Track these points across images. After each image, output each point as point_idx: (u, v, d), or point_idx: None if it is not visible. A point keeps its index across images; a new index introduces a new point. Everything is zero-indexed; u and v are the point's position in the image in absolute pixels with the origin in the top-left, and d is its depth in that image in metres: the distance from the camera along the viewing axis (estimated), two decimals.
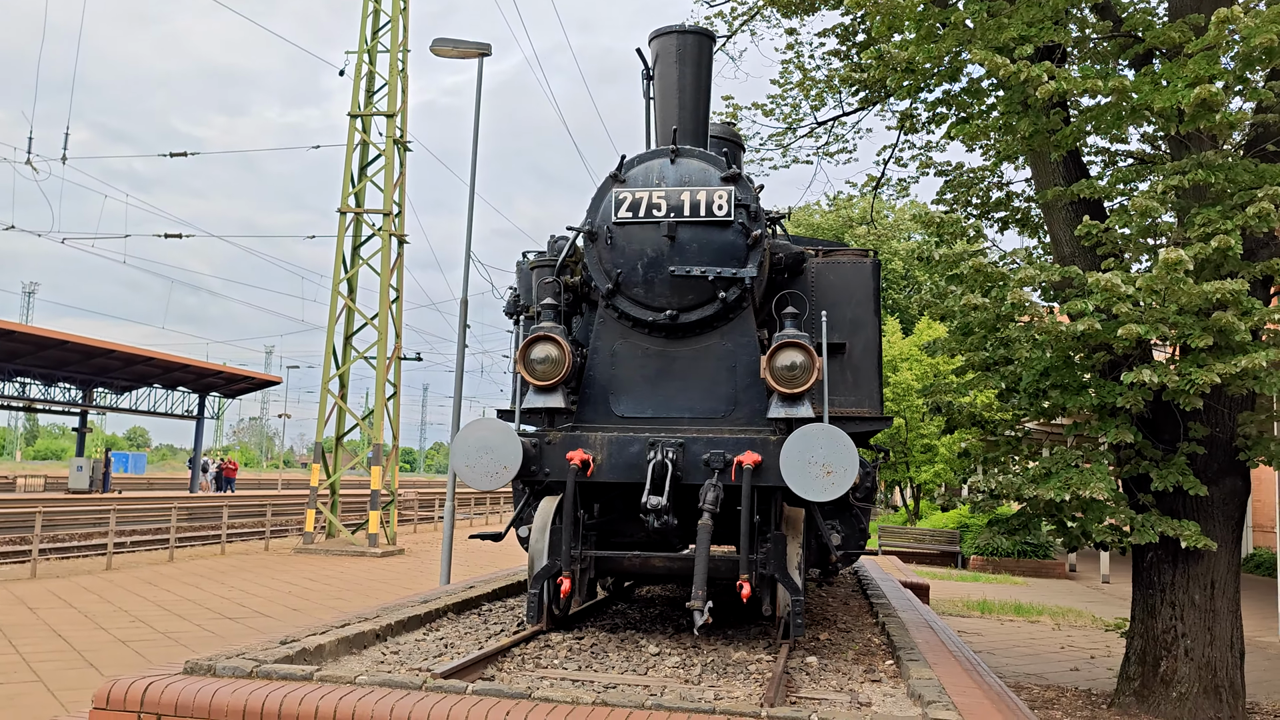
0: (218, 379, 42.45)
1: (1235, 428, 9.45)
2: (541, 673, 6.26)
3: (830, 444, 6.18)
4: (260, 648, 6.10)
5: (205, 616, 11.95)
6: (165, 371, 39.09)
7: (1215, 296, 8.12)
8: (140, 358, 36.14)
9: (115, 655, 9.48)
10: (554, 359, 6.96)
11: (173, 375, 40.05)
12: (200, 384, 42.53)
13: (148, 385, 41.35)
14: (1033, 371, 9.49)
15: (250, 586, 14.95)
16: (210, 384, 42.95)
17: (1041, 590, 21.92)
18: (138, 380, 40.21)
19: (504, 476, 6.52)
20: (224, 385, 43.83)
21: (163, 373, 39.24)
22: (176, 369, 38.84)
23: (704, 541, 6.40)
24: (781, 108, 13.11)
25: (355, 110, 21.82)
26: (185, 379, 41.21)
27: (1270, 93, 8.50)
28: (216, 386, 43.61)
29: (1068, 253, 10.57)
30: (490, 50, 13.20)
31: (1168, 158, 11.55)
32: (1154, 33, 9.08)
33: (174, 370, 39.02)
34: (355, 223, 21.82)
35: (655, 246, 7.16)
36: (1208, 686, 9.32)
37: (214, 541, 21.23)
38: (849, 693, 6.10)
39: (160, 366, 37.93)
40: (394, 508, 21.34)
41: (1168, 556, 9.65)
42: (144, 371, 38.48)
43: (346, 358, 21.61)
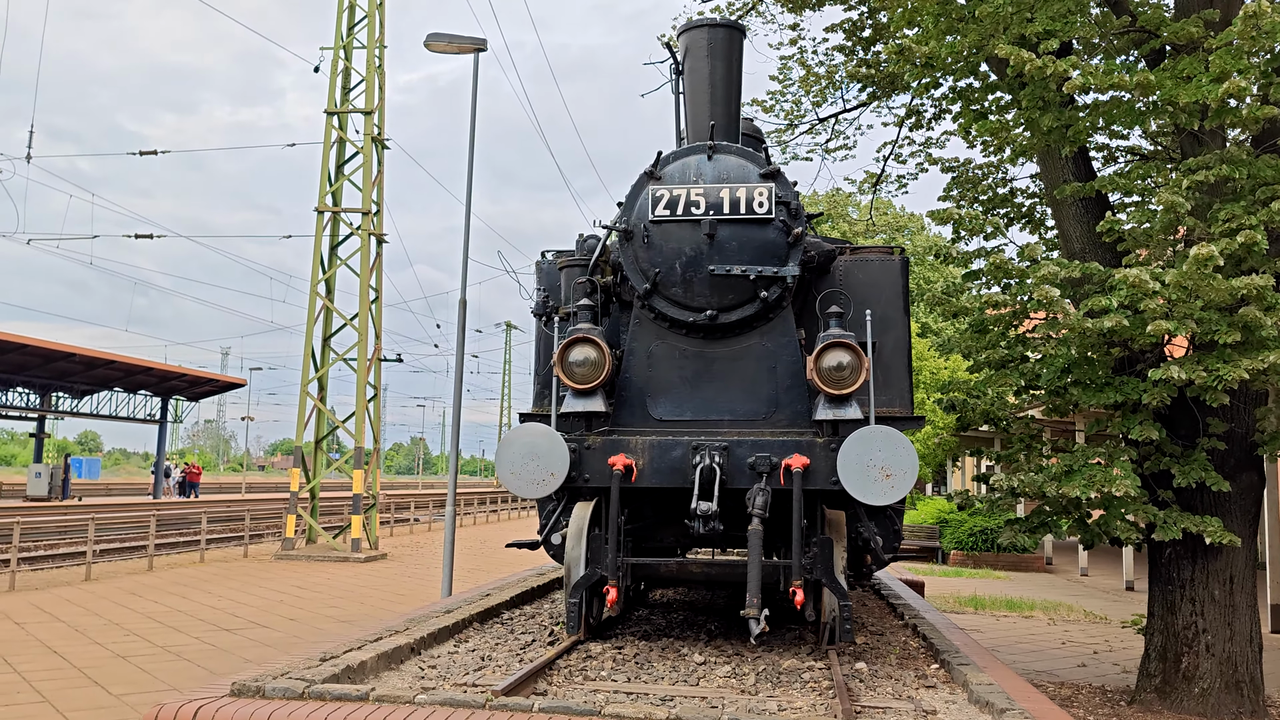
0: (181, 382, 41.61)
1: (1253, 423, 9.46)
2: (592, 685, 6.07)
3: (890, 446, 6.05)
4: (303, 666, 5.84)
5: (201, 629, 11.60)
6: (127, 375, 38.24)
7: (1241, 292, 8.09)
8: (102, 361, 35.32)
9: (119, 672, 9.13)
10: (593, 361, 6.76)
11: (135, 379, 39.21)
12: (163, 387, 41.67)
13: (108, 389, 40.42)
14: (1053, 368, 9.42)
15: (238, 595, 14.57)
16: (173, 387, 42.10)
17: (1024, 584, 22.04)
18: (98, 384, 39.29)
19: (551, 484, 6.32)
20: (187, 388, 42.98)
21: (124, 376, 38.38)
22: (139, 372, 38.02)
23: (756, 548, 6.24)
24: (782, 104, 12.98)
25: (332, 107, 21.41)
26: (148, 382, 40.35)
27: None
28: (180, 390, 42.75)
29: (1077, 248, 10.54)
30: (486, 45, 12.93)
31: (1166, 154, 11.60)
32: (1172, 28, 9.04)
33: (136, 373, 38.19)
34: (333, 222, 21.40)
35: (694, 245, 6.98)
36: (1229, 681, 9.32)
37: (192, 549, 20.74)
38: (908, 699, 5.97)
39: (122, 370, 37.09)
40: (375, 512, 20.97)
41: (1186, 553, 9.64)
42: (105, 375, 37.61)
43: (325, 359, 21.19)
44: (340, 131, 21.46)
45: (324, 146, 21.27)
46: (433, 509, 34.93)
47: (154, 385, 41.11)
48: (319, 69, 22.14)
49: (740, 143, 7.83)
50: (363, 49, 21.82)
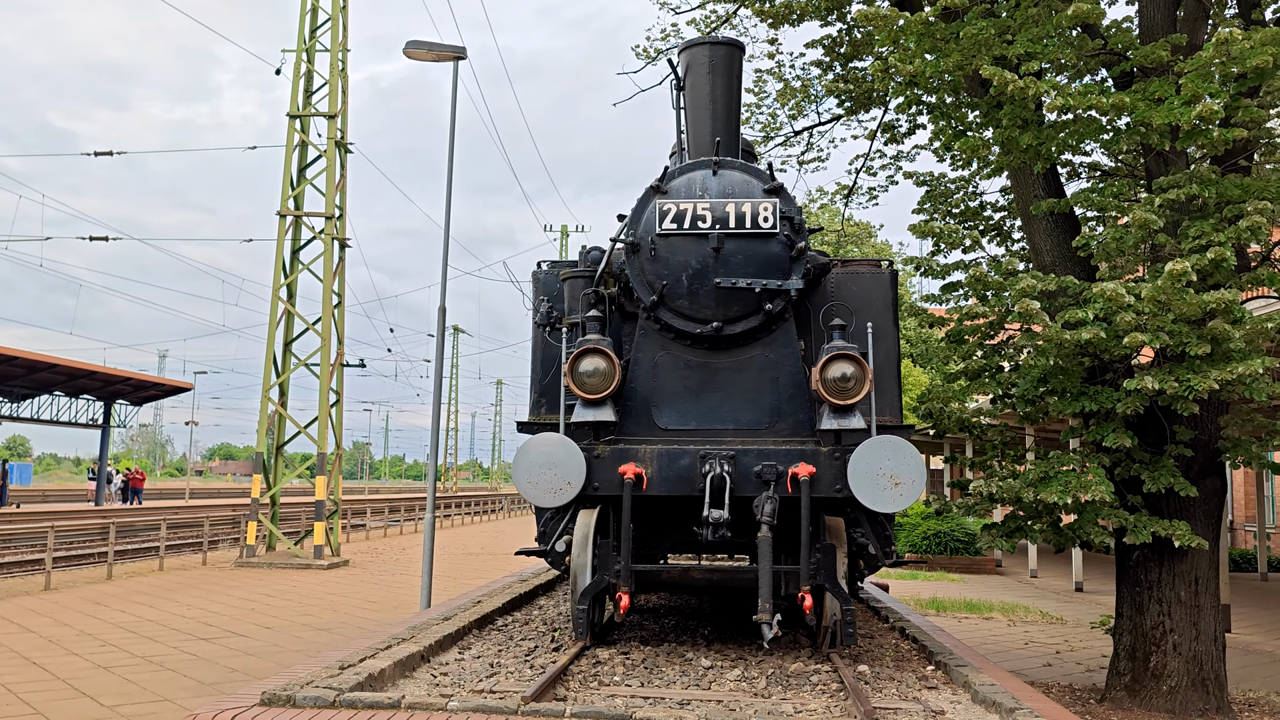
0: (125, 386, 40.80)
1: (1217, 431, 9.86)
2: (609, 690, 6.18)
3: (898, 455, 6.26)
4: (326, 675, 5.88)
5: (177, 638, 11.48)
6: (70, 379, 37.42)
7: (1211, 306, 8.46)
8: (44, 364, 34.49)
9: (105, 684, 9.04)
10: (603, 372, 6.88)
11: (78, 383, 38.38)
12: (106, 391, 40.83)
13: (49, 393, 39.50)
14: (1029, 378, 9.74)
15: (206, 604, 14.42)
16: (117, 391, 41.26)
17: (978, 586, 22.53)
18: (38, 388, 38.36)
19: (568, 493, 6.43)
20: (132, 392, 42.16)
21: (67, 380, 37.54)
22: (82, 375, 37.24)
23: (766, 554, 6.41)
24: (758, 116, 13.22)
25: (295, 110, 21.23)
26: (91, 386, 39.51)
27: (1262, 111, 8.88)
28: (124, 394, 41.91)
29: (1048, 261, 10.88)
30: (465, 54, 12.98)
31: (1128, 170, 12.04)
32: (1142, 51, 9.39)
33: (79, 377, 37.39)
34: (295, 226, 21.22)
35: (700, 258, 7.14)
36: (1195, 679, 9.70)
37: (149, 557, 20.41)
38: (914, 700, 6.17)
39: (65, 374, 36.26)
40: (338, 518, 20.82)
41: (1154, 555, 10.01)
42: (47, 379, 36.75)
43: (286, 365, 21.00)
44: (303, 135, 21.30)
45: (286, 150, 21.08)
46: (388, 514, 34.67)
47: (97, 389, 40.27)
48: (280, 71, 21.98)
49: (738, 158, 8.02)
50: (324, 51, 21.68)
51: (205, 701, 6.86)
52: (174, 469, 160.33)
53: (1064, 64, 10.42)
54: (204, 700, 8.52)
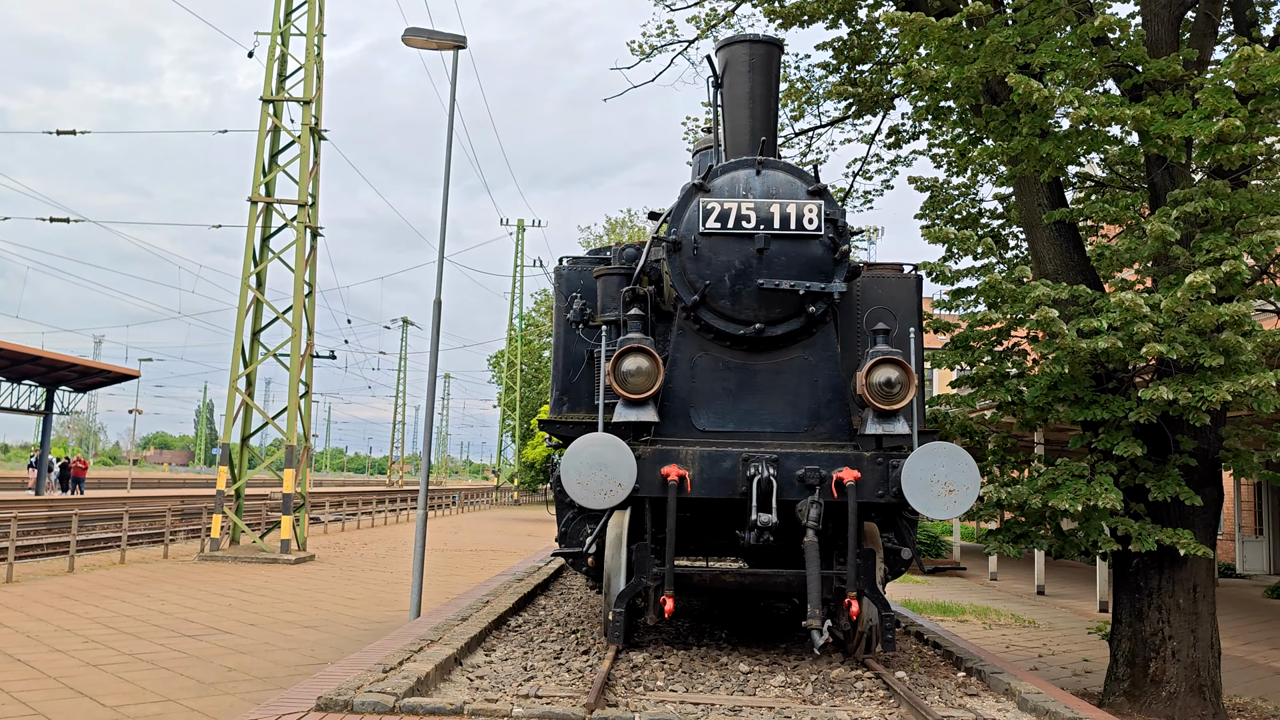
0: (70, 372, 39.60)
1: (1218, 441, 10.01)
2: (656, 696, 6.08)
3: (952, 462, 6.24)
4: (373, 680, 5.71)
5: (161, 635, 11.13)
6: (13, 364, 36.23)
7: (1224, 318, 8.58)
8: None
9: (100, 683, 8.71)
10: (646, 371, 6.77)
11: (21, 368, 37.16)
12: (50, 377, 39.59)
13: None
14: (1039, 385, 9.80)
15: (180, 599, 14.03)
16: (61, 377, 40.03)
17: (942, 589, 22.74)
18: None
19: (618, 495, 6.30)
20: (76, 379, 40.93)
21: (10, 365, 36.34)
22: (25, 360, 36.07)
23: (814, 560, 6.35)
24: None
25: (268, 95, 20.76)
26: (34, 371, 38.28)
27: (1278, 128, 9.03)
28: (68, 380, 40.68)
29: (1050, 269, 10.97)
30: (465, 43, 12.74)
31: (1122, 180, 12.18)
32: (1157, 64, 9.51)
33: (22, 362, 36.22)
34: (265, 213, 20.75)
35: (743, 258, 7.05)
36: (1193, 686, 9.85)
37: (110, 549, 19.83)
38: (960, 707, 6.15)
39: (8, 358, 35.09)
40: (305, 512, 20.42)
41: (1154, 563, 10.14)
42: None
43: (254, 355, 20.53)
44: (276, 119, 20.83)
45: (259, 135, 20.60)
46: (345, 508, 34.15)
47: (41, 375, 39.03)
48: (252, 54, 21.46)
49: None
50: (299, 36, 21.24)
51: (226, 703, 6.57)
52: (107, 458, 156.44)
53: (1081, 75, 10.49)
54: (208, 701, 8.26)
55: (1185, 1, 10.94)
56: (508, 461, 69.88)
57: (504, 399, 64.63)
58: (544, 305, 62.01)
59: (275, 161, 20.99)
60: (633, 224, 62.39)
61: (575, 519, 8.13)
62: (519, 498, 68.77)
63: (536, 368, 65.49)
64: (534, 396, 63.07)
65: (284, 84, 21.15)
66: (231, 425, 20.06)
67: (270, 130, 20.79)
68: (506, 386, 63.94)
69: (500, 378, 65.13)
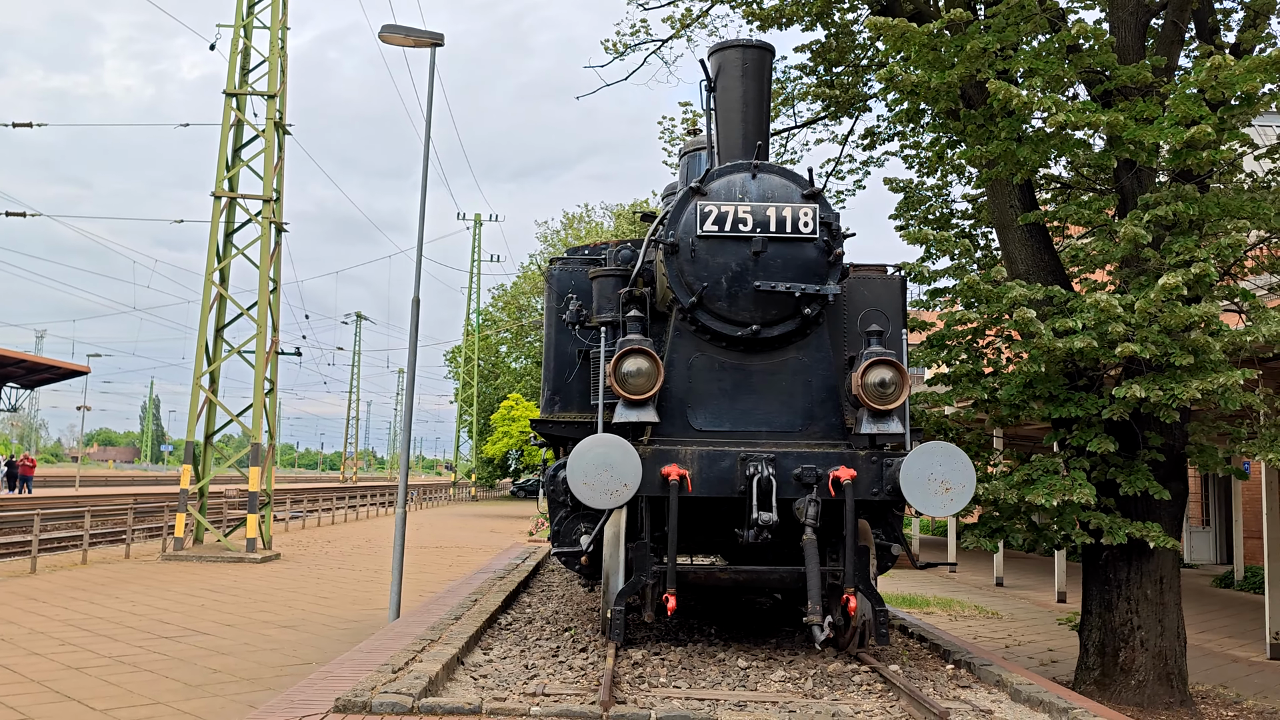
0: (17, 368, 38.70)
1: (1184, 437, 10.33)
2: (663, 692, 6.18)
3: (950, 461, 6.41)
4: (385, 680, 5.74)
5: (137, 637, 11.03)
6: None
7: (1194, 318, 8.87)
8: None
9: (85, 686, 8.63)
10: (647, 372, 6.86)
11: None
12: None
13: None
14: (1014, 383, 10.05)
15: (151, 600, 13.87)
16: (8, 374, 39.14)
17: (901, 581, 23.10)
18: None
19: (624, 495, 6.38)
20: (24, 375, 40.02)
21: None
22: None
23: (813, 557, 6.48)
24: None
25: (231, 89, 20.50)
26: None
27: (1246, 134, 9.33)
28: (15, 376, 39.76)
29: (1022, 270, 11.22)
30: (443, 40, 12.72)
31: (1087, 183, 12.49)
32: (1128, 71, 9.78)
33: None
34: (229, 208, 20.52)
35: (740, 261, 7.17)
36: (1161, 674, 10.17)
37: (71, 549, 19.52)
38: (955, 699, 6.32)
39: None
40: (270, 510, 20.24)
41: (1122, 555, 10.44)
42: None
43: (218, 352, 20.30)
44: (239, 113, 20.59)
45: (222, 128, 20.34)
46: (306, 504, 33.86)
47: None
48: (214, 46, 21.20)
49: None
50: (261, 29, 21.00)
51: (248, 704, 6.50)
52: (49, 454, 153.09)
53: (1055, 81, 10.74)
54: (197, 703, 8.23)
55: (1151, 9, 11.25)
56: (464, 458, 69.64)
57: (461, 394, 64.32)
58: (501, 300, 61.82)
59: (239, 156, 20.74)
60: (589, 219, 62.42)
61: (568, 518, 8.19)
62: (476, 494, 68.56)
63: (494, 363, 65.29)
64: (490, 392, 62.87)
65: (247, 77, 20.90)
66: (195, 423, 19.81)
67: (234, 124, 20.54)
68: (464, 382, 63.64)
69: (457, 373, 64.82)
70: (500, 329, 60.60)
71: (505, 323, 60.14)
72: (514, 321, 60.28)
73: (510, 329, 59.74)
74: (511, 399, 43.12)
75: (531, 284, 58.62)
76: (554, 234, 63.75)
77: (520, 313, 59.85)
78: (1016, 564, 26.81)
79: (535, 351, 58.75)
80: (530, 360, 59.92)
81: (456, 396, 65.18)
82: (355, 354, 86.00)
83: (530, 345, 59.16)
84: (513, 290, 60.81)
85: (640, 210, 48.30)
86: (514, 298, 60.96)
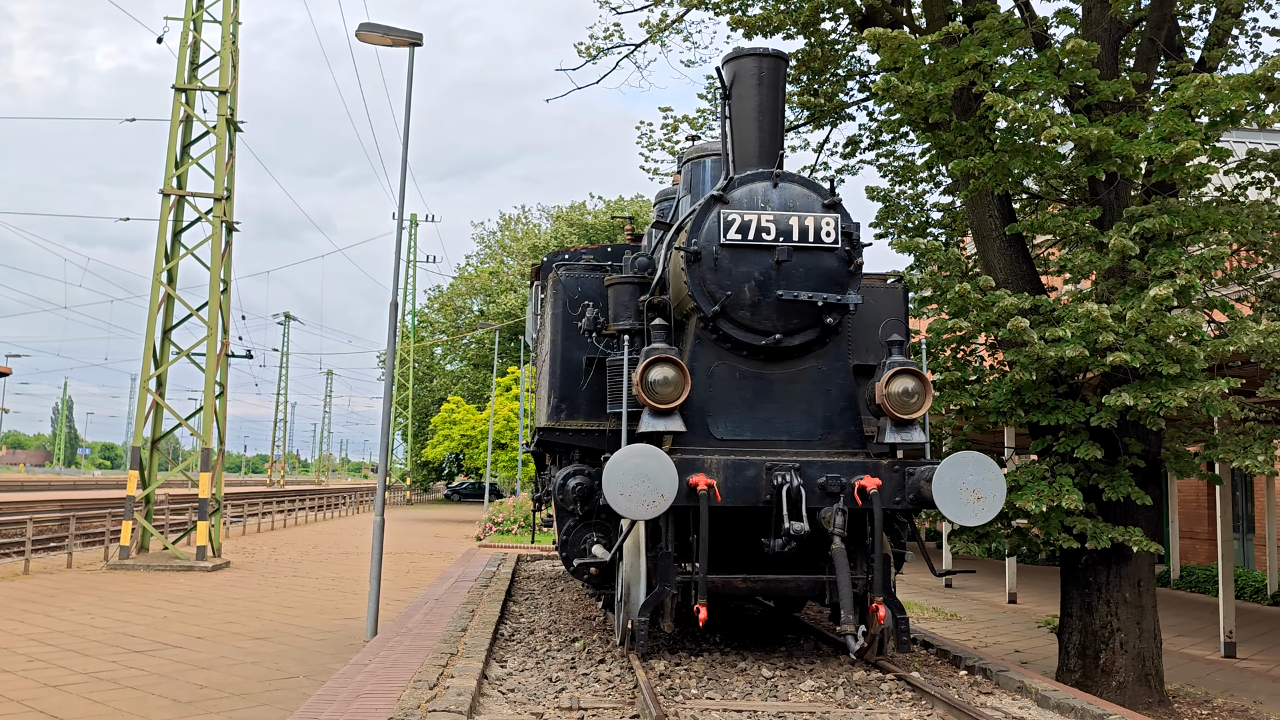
0: None
1: (1160, 443, 10.61)
2: (700, 705, 6.14)
3: (981, 470, 6.47)
4: (427, 699, 5.61)
5: (108, 651, 10.62)
6: None
7: (1181, 328, 9.11)
8: None
9: (68, 704, 8.27)
10: (674, 381, 6.83)
11: None
12: None
13: None
14: (1003, 391, 10.21)
15: (109, 612, 13.39)
16: None
17: None
18: None
19: (660, 505, 6.33)
20: None
21: None
22: None
23: (843, 566, 6.50)
24: (711, 123, 13.32)
25: (181, 84, 19.92)
26: None
27: (1228, 149, 9.62)
28: None
29: (1002, 278, 11.42)
30: (421, 40, 12.50)
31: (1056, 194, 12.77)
32: (1113, 86, 10.02)
33: None
34: (178, 206, 19.93)
35: (763, 270, 7.17)
36: (1140, 675, 10.42)
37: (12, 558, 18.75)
38: (985, 708, 6.40)
39: None
40: (220, 517, 19.70)
41: (1102, 559, 10.68)
42: None
43: (165, 355, 19.70)
44: (188, 109, 20.01)
45: (171, 124, 19.75)
46: (247, 509, 33.05)
47: None
48: (162, 40, 20.59)
49: (720, 164, 8.12)
50: (212, 23, 20.46)
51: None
52: None
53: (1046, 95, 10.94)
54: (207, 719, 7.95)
55: (1124, 26, 11.55)
56: (397, 462, 68.66)
57: (395, 397, 63.36)
58: (437, 302, 61.03)
59: (187, 153, 20.17)
60: (526, 220, 62.05)
61: (576, 527, 8.12)
62: (411, 497, 67.58)
63: (429, 365, 64.48)
64: (426, 394, 62.07)
65: (196, 72, 20.33)
66: (142, 427, 19.20)
67: (183, 119, 19.96)
68: (399, 384, 62.72)
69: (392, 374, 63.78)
70: (435, 330, 59.86)
71: (442, 324, 59.43)
72: (450, 323, 59.62)
73: (447, 330, 59.07)
74: (453, 401, 42.58)
75: (468, 285, 58.04)
76: (490, 235, 63.24)
77: (457, 314, 59.20)
78: (961, 565, 27.29)
79: (472, 354, 58.17)
80: (466, 363, 59.30)
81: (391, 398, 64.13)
82: (283, 355, 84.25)
83: (467, 348, 58.58)
84: (450, 291, 60.13)
85: (617, 212, 48.12)
86: (450, 299, 60.29)
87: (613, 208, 55.00)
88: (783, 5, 11.63)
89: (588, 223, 53.41)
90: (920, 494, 6.91)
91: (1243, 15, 11.75)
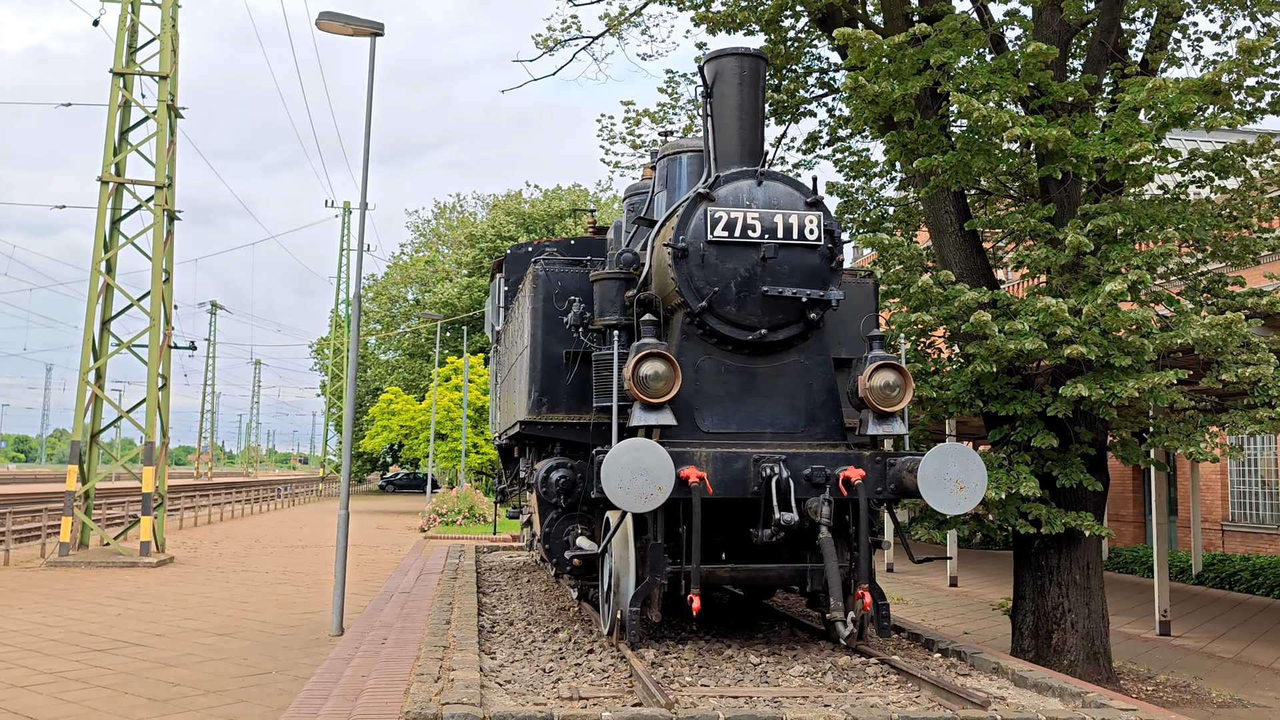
0: None
1: (1109, 432, 11.06)
2: (698, 692, 6.30)
3: (964, 461, 6.72)
4: (436, 693, 5.68)
5: (68, 650, 10.43)
6: None
7: (1134, 322, 9.51)
8: None
9: (39, 704, 8.13)
10: (665, 375, 6.96)
11: None
12: None
13: None
14: (962, 381, 10.54)
15: (59, 610, 13.12)
16: None
17: None
18: None
19: (658, 498, 6.46)
20: None
21: None
22: None
23: (831, 554, 6.71)
24: (673, 116, 13.46)
25: (119, 68, 19.42)
26: None
27: (1178, 150, 10.05)
28: None
29: (957, 272, 11.76)
30: (383, 30, 12.41)
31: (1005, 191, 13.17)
32: (1067, 87, 10.39)
33: None
34: (116, 194, 19.45)
35: (749, 266, 7.33)
36: (1089, 654, 10.87)
37: None
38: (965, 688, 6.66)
39: None
40: (163, 511, 19.34)
41: (1053, 543, 11.09)
42: None
43: (104, 346, 19.25)
44: (127, 93, 19.53)
45: (110, 110, 19.26)
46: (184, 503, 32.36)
47: None
48: (98, 22, 20.05)
49: (694, 160, 8.29)
50: (151, 5, 19.97)
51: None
52: None
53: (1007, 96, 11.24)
54: (179, 718, 7.88)
55: (1073, 29, 11.94)
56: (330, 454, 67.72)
57: (329, 387, 62.53)
58: (372, 290, 60.26)
59: (125, 139, 19.68)
60: (461, 208, 61.57)
61: (559, 519, 8.22)
62: None
63: (363, 354, 63.66)
64: (360, 384, 61.29)
65: (135, 56, 19.84)
66: (81, 421, 18.74)
67: (121, 105, 19.47)
68: (332, 375, 61.89)
69: (325, 365, 62.92)
70: (371, 319, 59.08)
71: (377, 313, 58.69)
72: (385, 312, 58.90)
73: (381, 319, 58.33)
74: (391, 391, 42.15)
75: (403, 274, 57.42)
76: (425, 224, 62.64)
77: (392, 304, 58.52)
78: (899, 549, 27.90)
79: (407, 343, 57.55)
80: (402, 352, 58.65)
81: (324, 389, 63.30)
82: (210, 344, 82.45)
83: (403, 338, 57.97)
84: (384, 280, 59.39)
85: (576, 207, 47.89)
86: (384, 288, 59.57)
87: (550, 196, 54.87)
88: (744, 2, 11.81)
89: (525, 212, 53.21)
90: (902, 484, 7.15)
91: (1183, 19, 12.22)
